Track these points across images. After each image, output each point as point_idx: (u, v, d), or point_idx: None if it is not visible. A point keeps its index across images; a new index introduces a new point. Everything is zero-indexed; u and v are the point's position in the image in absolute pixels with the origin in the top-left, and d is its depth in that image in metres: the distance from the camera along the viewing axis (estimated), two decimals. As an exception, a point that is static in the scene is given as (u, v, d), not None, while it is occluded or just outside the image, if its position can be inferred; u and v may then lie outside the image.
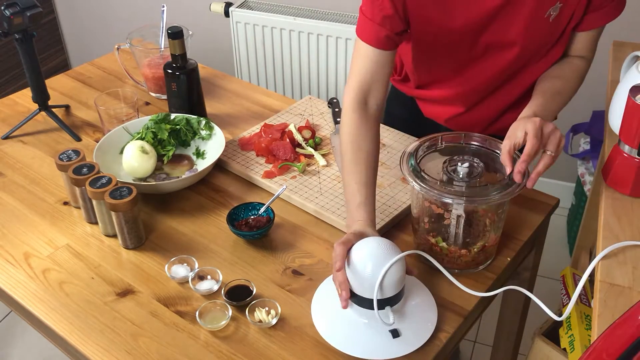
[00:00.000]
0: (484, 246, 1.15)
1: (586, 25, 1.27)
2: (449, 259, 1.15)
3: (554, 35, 1.27)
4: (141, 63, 1.70)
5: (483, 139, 1.17)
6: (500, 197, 1.06)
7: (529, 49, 1.26)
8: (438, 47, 1.29)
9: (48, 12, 3.14)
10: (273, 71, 2.60)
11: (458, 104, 1.41)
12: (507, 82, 1.35)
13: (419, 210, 1.16)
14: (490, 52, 1.28)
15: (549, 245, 1.52)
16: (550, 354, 1.62)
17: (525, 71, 1.33)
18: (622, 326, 0.77)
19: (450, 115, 1.45)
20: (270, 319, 1.08)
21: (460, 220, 1.11)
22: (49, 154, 1.52)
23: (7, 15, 1.45)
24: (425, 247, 1.17)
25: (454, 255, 1.15)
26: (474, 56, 1.29)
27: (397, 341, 1.02)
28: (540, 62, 1.32)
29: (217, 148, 1.41)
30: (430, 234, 1.16)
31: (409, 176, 1.10)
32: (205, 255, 1.22)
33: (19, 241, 1.27)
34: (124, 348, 1.05)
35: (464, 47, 1.27)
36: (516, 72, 1.33)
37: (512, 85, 1.36)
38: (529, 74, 1.33)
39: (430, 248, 1.16)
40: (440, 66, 1.36)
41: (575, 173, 2.53)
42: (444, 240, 1.14)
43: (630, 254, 1.06)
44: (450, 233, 1.13)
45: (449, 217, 1.12)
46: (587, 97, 2.36)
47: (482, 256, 1.16)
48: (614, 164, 1.19)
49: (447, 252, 1.15)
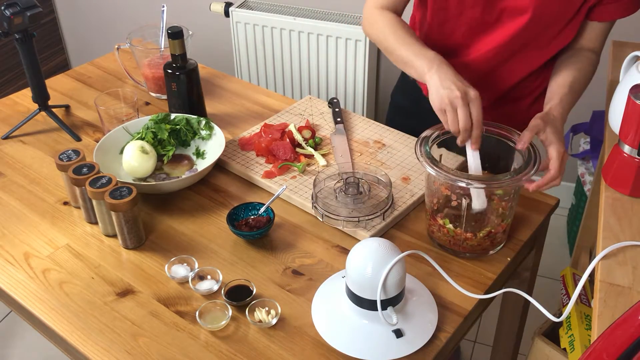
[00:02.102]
0: (490, 232, 1.17)
1: (601, 15, 1.30)
2: (454, 241, 1.18)
3: (568, 10, 1.27)
4: (141, 63, 1.70)
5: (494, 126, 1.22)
6: (511, 182, 1.10)
7: (541, 18, 1.27)
8: (454, 7, 1.32)
9: (48, 12, 3.14)
10: (273, 71, 2.60)
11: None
12: (510, 60, 1.37)
13: (429, 192, 1.20)
14: (503, 18, 1.29)
15: (549, 245, 1.52)
16: (550, 354, 1.62)
17: (532, 52, 1.34)
18: (622, 326, 0.77)
19: None
20: (270, 319, 1.08)
21: (464, 202, 1.14)
22: (49, 154, 1.52)
23: (7, 15, 1.45)
24: (434, 228, 1.20)
25: (459, 238, 1.17)
26: (487, 21, 1.31)
27: (398, 342, 1.02)
28: (548, 45, 1.33)
29: (217, 148, 1.41)
30: (438, 215, 1.19)
31: (424, 161, 1.14)
32: (205, 255, 1.22)
33: (19, 241, 1.27)
34: (124, 348, 1.05)
35: (478, 9, 1.29)
36: (522, 49, 1.34)
37: (515, 64, 1.37)
38: (535, 56, 1.35)
39: (438, 229, 1.20)
40: (453, 31, 1.37)
41: (575, 173, 2.53)
42: (451, 223, 1.17)
43: (630, 254, 1.06)
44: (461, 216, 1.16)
45: (455, 199, 1.16)
46: (587, 97, 2.35)
47: (488, 242, 1.18)
48: (614, 164, 1.19)
49: (453, 234, 1.17)
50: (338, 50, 2.40)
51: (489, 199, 1.16)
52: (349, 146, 1.49)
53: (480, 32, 1.35)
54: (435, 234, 1.22)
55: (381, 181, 1.29)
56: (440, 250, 1.22)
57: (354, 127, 1.56)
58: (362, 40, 2.35)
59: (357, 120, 1.58)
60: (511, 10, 1.28)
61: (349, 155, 1.45)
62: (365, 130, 1.55)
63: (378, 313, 1.00)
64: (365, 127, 1.56)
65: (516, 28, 1.29)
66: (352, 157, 1.45)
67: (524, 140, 1.17)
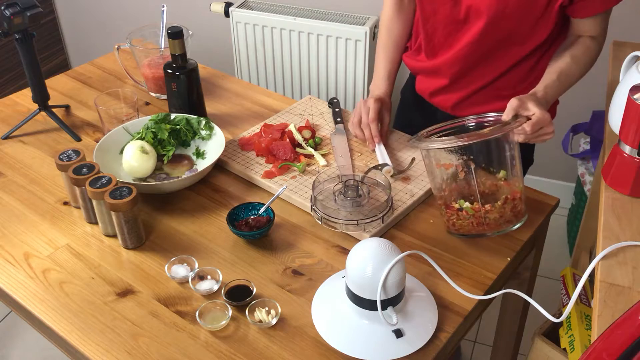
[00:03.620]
0: (507, 198, 1.17)
1: (583, 11, 1.31)
2: (477, 220, 1.17)
3: (531, 10, 1.31)
4: (141, 63, 1.70)
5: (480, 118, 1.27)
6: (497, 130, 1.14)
7: (502, 18, 1.31)
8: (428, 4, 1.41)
9: (48, 12, 3.14)
10: (273, 71, 2.60)
11: (444, 74, 1.48)
12: (487, 60, 1.41)
13: (435, 183, 1.21)
14: (470, 16, 1.35)
15: (549, 245, 1.52)
16: (550, 354, 1.62)
17: (504, 52, 1.39)
18: (622, 326, 0.77)
19: (435, 88, 1.52)
20: (270, 319, 1.08)
21: (470, 167, 1.16)
22: (49, 154, 1.52)
23: (7, 15, 1.45)
24: (453, 218, 1.20)
25: (480, 214, 1.16)
26: (457, 19, 1.37)
27: (398, 342, 1.02)
28: (522, 45, 1.37)
29: (217, 148, 1.41)
30: (452, 200, 1.19)
31: (417, 143, 1.17)
32: (205, 255, 1.22)
33: (19, 241, 1.27)
34: (124, 348, 1.05)
35: (447, 7, 1.36)
36: (495, 50, 1.39)
37: (492, 63, 1.42)
38: (508, 55, 1.39)
39: (457, 217, 1.19)
40: (435, 30, 1.44)
41: (575, 173, 2.53)
42: (466, 201, 1.17)
43: (630, 254, 1.06)
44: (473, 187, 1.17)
45: (462, 169, 1.17)
46: (587, 97, 2.36)
47: (509, 211, 1.18)
48: (614, 164, 1.19)
49: (473, 212, 1.17)
50: (338, 50, 2.40)
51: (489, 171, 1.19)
52: (349, 146, 1.49)
53: (454, 30, 1.40)
54: (455, 225, 1.20)
55: (380, 184, 1.29)
56: (465, 241, 1.22)
57: (354, 127, 1.56)
58: (362, 40, 2.35)
59: (357, 120, 1.58)
60: (475, 9, 1.33)
61: (348, 156, 1.45)
62: (365, 130, 1.55)
63: (378, 313, 1.00)
64: (365, 127, 1.56)
65: (481, 26, 1.34)
66: (352, 157, 1.45)
67: (506, 113, 1.21)
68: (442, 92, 1.52)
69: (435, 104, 1.56)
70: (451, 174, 1.19)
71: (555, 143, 2.49)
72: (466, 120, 1.27)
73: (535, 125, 1.20)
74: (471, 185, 1.17)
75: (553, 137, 1.24)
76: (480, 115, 1.27)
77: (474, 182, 1.16)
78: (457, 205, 1.18)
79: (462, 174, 1.19)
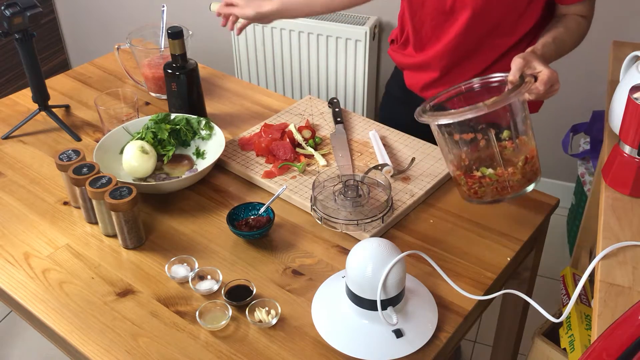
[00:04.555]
0: (527, 158, 1.17)
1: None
2: (501, 185, 1.17)
3: (516, 2, 1.34)
4: (141, 63, 1.70)
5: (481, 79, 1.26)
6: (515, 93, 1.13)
7: (484, 13, 1.34)
8: None
9: (48, 12, 3.14)
10: (273, 71, 2.60)
11: (434, 67, 1.49)
12: (476, 51, 1.43)
13: (453, 156, 1.20)
14: (456, 8, 1.37)
15: (549, 245, 1.52)
16: (550, 354, 1.62)
17: (493, 42, 1.41)
18: (622, 326, 0.77)
19: (426, 82, 1.53)
20: (270, 319, 1.08)
21: (490, 135, 1.15)
22: (49, 154, 1.52)
23: (7, 15, 1.45)
24: (475, 186, 1.19)
25: (504, 178, 1.16)
26: (444, 11, 1.39)
27: (398, 342, 1.02)
28: (510, 35, 1.40)
29: (217, 148, 1.41)
30: (474, 169, 1.18)
31: (431, 118, 1.15)
32: (205, 255, 1.22)
33: (19, 241, 1.27)
34: (124, 348, 1.05)
35: None
36: (483, 41, 1.41)
37: (481, 54, 1.44)
38: (496, 45, 1.42)
39: (480, 185, 1.18)
40: (423, 23, 1.46)
41: (575, 173, 2.53)
42: (488, 168, 1.17)
43: (630, 254, 1.06)
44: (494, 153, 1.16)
45: (481, 137, 1.16)
46: (587, 97, 2.37)
47: (529, 169, 1.18)
48: (614, 164, 1.19)
49: (497, 177, 1.16)
50: (338, 50, 2.40)
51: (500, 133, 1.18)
52: (349, 146, 1.49)
53: (442, 22, 1.42)
54: (478, 192, 1.20)
55: (380, 184, 1.29)
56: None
57: (354, 127, 1.56)
58: (362, 40, 2.35)
59: (357, 120, 1.58)
60: (459, 3, 1.35)
61: (348, 156, 1.45)
62: (365, 130, 1.55)
63: (378, 313, 1.00)
64: (365, 127, 1.56)
65: (467, 17, 1.36)
66: (352, 157, 1.45)
67: (512, 73, 1.19)
68: (434, 85, 1.53)
69: (427, 97, 1.56)
70: (470, 143, 1.18)
71: (555, 143, 2.49)
72: (471, 83, 1.27)
73: (547, 83, 1.19)
74: (491, 152, 1.16)
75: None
76: (484, 78, 1.26)
77: (496, 148, 1.16)
78: (479, 174, 1.17)
79: (482, 142, 1.17)
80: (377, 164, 1.37)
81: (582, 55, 2.30)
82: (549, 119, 2.48)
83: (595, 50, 2.26)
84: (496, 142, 1.16)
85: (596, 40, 2.25)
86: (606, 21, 2.21)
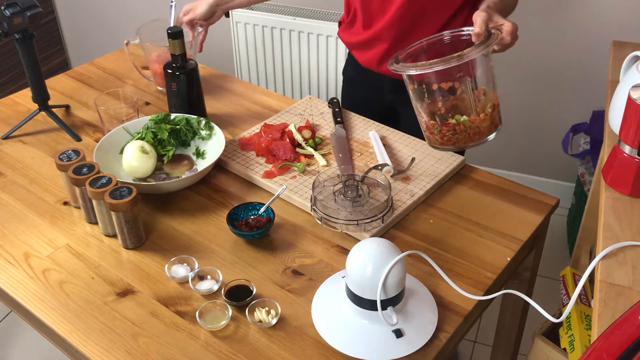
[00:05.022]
0: (494, 105, 1.24)
1: None
2: (473, 131, 1.24)
3: None
4: (150, 58, 1.70)
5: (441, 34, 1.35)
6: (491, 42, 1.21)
7: None
8: None
9: (48, 12, 3.14)
10: (273, 71, 2.60)
11: (383, 40, 1.55)
12: (422, 17, 1.49)
13: (427, 104, 1.26)
14: None
15: (549, 245, 1.52)
16: (550, 354, 1.62)
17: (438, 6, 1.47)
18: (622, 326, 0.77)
19: (380, 55, 1.57)
20: (270, 319, 1.08)
21: (468, 83, 1.22)
22: (49, 154, 1.52)
23: (7, 15, 1.45)
24: (449, 133, 1.25)
25: (476, 124, 1.23)
26: None
27: (398, 342, 1.02)
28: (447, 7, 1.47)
29: (217, 148, 1.41)
30: (449, 117, 1.24)
31: (414, 69, 1.21)
32: (205, 255, 1.22)
33: (19, 241, 1.27)
34: (124, 348, 1.05)
35: None
36: (428, 5, 1.47)
37: (428, 20, 1.49)
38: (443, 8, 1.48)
39: (454, 133, 1.25)
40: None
41: (575, 173, 2.53)
42: (462, 115, 1.23)
43: (630, 254, 1.06)
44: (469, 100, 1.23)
45: (458, 85, 1.23)
46: (587, 97, 2.37)
47: (496, 114, 1.25)
48: (614, 164, 1.19)
49: (470, 124, 1.23)
50: (338, 50, 2.40)
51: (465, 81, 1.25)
52: (349, 146, 1.49)
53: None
54: (451, 140, 1.26)
55: (380, 184, 1.29)
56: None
57: (354, 127, 1.56)
58: (362, 40, 2.34)
59: (357, 120, 1.58)
60: None
61: (348, 156, 1.45)
62: (365, 130, 1.55)
63: (378, 313, 1.00)
64: (365, 127, 1.56)
65: None
66: (352, 157, 1.45)
67: (478, 25, 1.25)
68: (387, 57, 1.56)
69: (385, 71, 1.60)
70: (447, 91, 1.25)
71: (555, 143, 2.49)
72: (441, 35, 1.34)
73: (512, 34, 1.26)
74: (466, 100, 1.23)
75: None
76: (454, 31, 1.33)
77: (472, 96, 1.22)
78: (454, 121, 1.23)
79: (459, 90, 1.24)
80: (377, 164, 1.37)
81: (582, 55, 2.31)
82: (549, 119, 2.48)
83: (595, 50, 2.27)
84: (472, 90, 1.22)
85: (596, 40, 2.25)
86: (606, 21, 2.21)
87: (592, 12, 2.22)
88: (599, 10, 2.21)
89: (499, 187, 1.37)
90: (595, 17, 2.23)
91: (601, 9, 2.20)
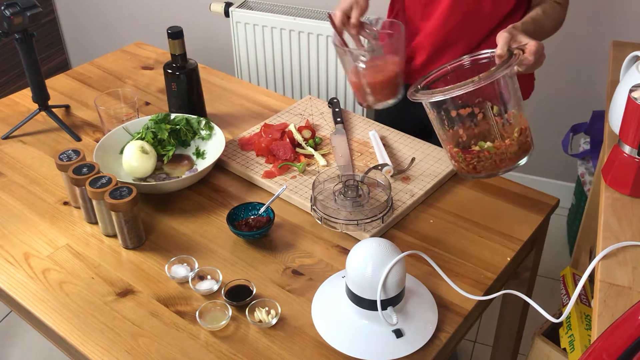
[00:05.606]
0: (521, 129, 1.19)
1: None
2: (500, 157, 1.19)
3: None
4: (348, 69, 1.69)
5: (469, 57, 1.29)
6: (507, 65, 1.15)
7: None
8: None
9: (48, 12, 3.14)
10: (273, 71, 2.60)
11: (423, 50, 1.55)
12: (461, 29, 1.49)
13: (450, 133, 1.21)
14: None
15: (549, 245, 1.52)
16: (550, 354, 1.62)
17: (478, 21, 1.47)
18: (622, 326, 0.77)
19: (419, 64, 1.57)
20: (270, 319, 1.08)
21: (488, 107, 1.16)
22: (49, 154, 1.52)
23: (7, 15, 1.45)
24: (474, 161, 1.20)
25: (502, 150, 1.18)
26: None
27: (398, 342, 1.02)
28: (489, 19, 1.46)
29: (217, 148, 1.41)
30: (472, 144, 1.19)
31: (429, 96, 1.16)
32: (205, 255, 1.22)
33: (19, 241, 1.27)
34: (124, 348, 1.05)
35: None
36: (466, 18, 1.46)
37: (465, 33, 1.49)
38: (483, 24, 1.47)
39: (479, 159, 1.19)
40: (415, 12, 1.54)
41: (575, 173, 2.53)
42: (486, 141, 1.18)
43: (630, 254, 1.06)
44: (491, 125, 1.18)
45: (479, 111, 1.17)
46: (587, 97, 2.37)
47: (524, 140, 1.20)
48: (614, 164, 1.19)
49: (495, 150, 1.18)
50: (338, 50, 2.40)
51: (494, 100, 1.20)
52: (349, 146, 1.49)
53: (429, 4, 1.49)
54: (477, 167, 1.21)
55: (380, 184, 1.29)
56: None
57: (354, 127, 1.56)
58: (362, 40, 2.34)
59: (357, 120, 1.58)
60: None
61: (348, 156, 1.45)
62: (365, 130, 1.55)
63: (378, 313, 1.00)
64: (365, 127, 1.56)
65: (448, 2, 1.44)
66: (352, 157, 1.45)
67: (500, 47, 1.21)
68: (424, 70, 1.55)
69: None
70: (466, 118, 1.19)
71: (555, 143, 2.49)
72: (461, 60, 1.29)
73: (536, 53, 1.22)
74: (488, 125, 1.18)
75: None
76: (473, 55, 1.29)
77: (493, 120, 1.17)
78: (477, 148, 1.18)
79: (480, 116, 1.18)
80: (377, 164, 1.37)
81: (582, 55, 2.31)
82: (549, 119, 2.48)
83: (595, 50, 2.27)
84: (493, 115, 1.17)
85: (596, 40, 2.25)
86: (606, 21, 2.21)
87: (592, 12, 2.22)
88: (599, 10, 2.21)
89: (499, 187, 1.37)
90: (595, 17, 2.23)
91: (601, 9, 2.20)
